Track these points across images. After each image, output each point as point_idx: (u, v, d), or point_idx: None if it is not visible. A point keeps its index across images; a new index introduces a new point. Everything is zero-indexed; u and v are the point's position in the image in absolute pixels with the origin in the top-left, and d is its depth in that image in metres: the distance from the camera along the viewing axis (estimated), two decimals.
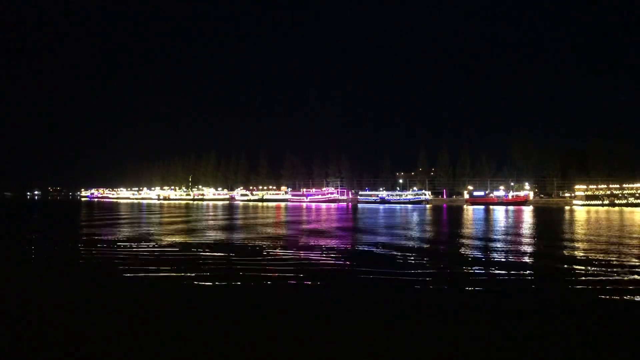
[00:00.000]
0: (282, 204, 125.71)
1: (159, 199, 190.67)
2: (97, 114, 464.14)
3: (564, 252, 26.28)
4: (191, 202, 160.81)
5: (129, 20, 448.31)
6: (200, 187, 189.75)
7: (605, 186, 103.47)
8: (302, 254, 24.84)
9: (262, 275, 18.58)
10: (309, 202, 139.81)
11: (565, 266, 21.11)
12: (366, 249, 27.70)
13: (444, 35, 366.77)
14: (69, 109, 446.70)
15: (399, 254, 25.01)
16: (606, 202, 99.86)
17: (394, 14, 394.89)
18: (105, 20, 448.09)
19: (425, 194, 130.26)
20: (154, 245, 29.14)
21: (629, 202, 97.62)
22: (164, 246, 28.48)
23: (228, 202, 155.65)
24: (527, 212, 73.79)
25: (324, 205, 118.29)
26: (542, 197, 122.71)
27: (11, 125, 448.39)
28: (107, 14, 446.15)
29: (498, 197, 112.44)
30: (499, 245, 28.84)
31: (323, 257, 23.78)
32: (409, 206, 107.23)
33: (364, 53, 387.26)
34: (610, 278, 17.98)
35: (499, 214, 69.73)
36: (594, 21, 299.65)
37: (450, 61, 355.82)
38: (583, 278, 18.11)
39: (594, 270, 19.81)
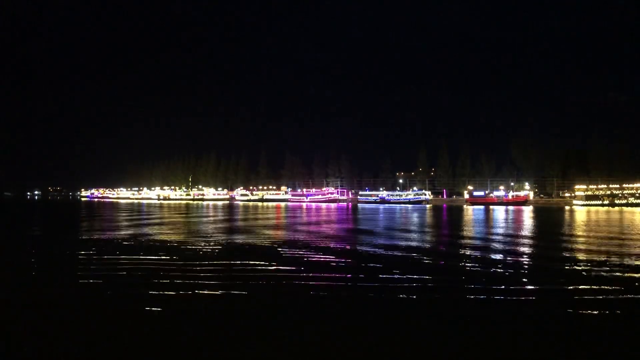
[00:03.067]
0: (282, 204, 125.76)
1: (159, 199, 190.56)
2: (97, 113, 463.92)
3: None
4: (191, 202, 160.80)
5: (129, 19, 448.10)
6: (200, 187, 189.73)
7: (605, 186, 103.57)
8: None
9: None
10: (309, 202, 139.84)
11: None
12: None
13: (444, 35, 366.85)
14: (69, 108, 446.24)
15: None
16: (606, 202, 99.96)
17: (394, 14, 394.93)
18: (105, 20, 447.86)
19: (425, 194, 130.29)
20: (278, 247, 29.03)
21: (629, 202, 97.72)
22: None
23: (228, 202, 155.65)
24: (528, 213, 73.87)
25: (324, 205, 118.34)
26: (542, 197, 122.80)
27: (11, 125, 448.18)
28: (107, 13, 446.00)
29: (498, 197, 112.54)
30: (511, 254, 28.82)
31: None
32: (409, 206, 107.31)
33: (364, 53, 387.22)
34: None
35: (501, 214, 69.76)
36: (594, 20, 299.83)
37: (450, 61, 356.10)
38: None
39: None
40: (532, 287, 17.45)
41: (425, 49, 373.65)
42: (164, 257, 24.39)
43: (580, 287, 17.09)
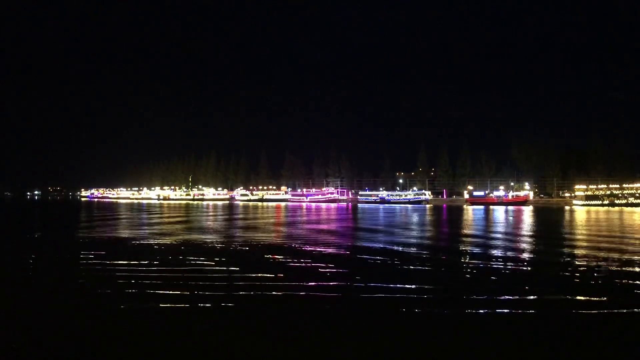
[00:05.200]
0: (282, 204, 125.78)
1: (159, 199, 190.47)
2: (97, 113, 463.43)
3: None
4: (191, 202, 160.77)
5: (128, 19, 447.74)
6: (200, 187, 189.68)
7: (605, 186, 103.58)
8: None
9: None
10: (309, 202, 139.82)
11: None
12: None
13: (444, 35, 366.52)
14: (69, 109, 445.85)
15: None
16: (606, 202, 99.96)
17: (394, 14, 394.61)
18: (105, 20, 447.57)
19: (425, 194, 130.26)
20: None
21: (629, 202, 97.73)
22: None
23: (228, 202, 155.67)
24: (528, 213, 73.87)
25: (324, 205, 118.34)
26: (542, 197, 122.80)
27: (11, 125, 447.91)
28: (107, 13, 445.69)
29: (498, 197, 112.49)
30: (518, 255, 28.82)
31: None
32: (409, 206, 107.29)
33: (364, 53, 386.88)
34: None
35: (502, 215, 69.76)
36: (594, 21, 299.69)
37: (450, 61, 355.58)
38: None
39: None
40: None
41: (425, 49, 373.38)
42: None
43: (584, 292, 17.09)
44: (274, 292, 16.24)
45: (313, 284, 17.78)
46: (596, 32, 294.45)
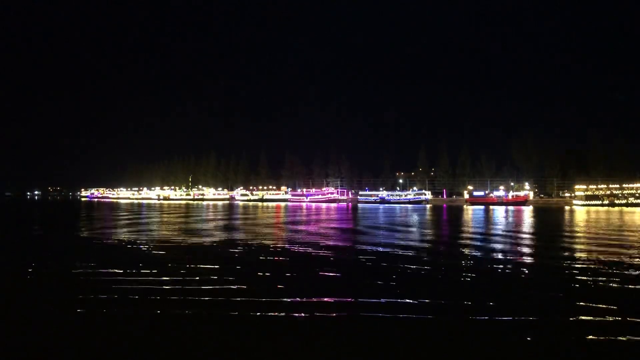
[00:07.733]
0: (282, 204, 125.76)
1: (159, 199, 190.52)
2: (97, 113, 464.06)
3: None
4: (192, 202, 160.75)
5: (129, 18, 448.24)
6: (200, 187, 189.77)
7: (605, 186, 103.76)
8: None
9: None
10: (309, 202, 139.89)
11: None
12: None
13: (444, 36, 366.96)
14: (69, 108, 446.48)
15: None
16: (606, 202, 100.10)
17: (395, 14, 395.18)
18: (105, 20, 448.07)
19: (425, 194, 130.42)
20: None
21: (629, 202, 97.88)
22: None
23: (228, 202, 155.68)
24: (528, 213, 73.90)
25: (324, 205, 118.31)
26: (542, 197, 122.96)
27: (11, 125, 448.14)
28: (107, 13, 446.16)
29: (498, 197, 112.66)
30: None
31: None
32: (409, 206, 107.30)
33: (365, 53, 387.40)
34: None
35: (503, 215, 69.79)
36: (595, 21, 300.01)
37: (450, 61, 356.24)
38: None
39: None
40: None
41: (425, 49, 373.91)
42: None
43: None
44: None
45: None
46: (596, 32, 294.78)
